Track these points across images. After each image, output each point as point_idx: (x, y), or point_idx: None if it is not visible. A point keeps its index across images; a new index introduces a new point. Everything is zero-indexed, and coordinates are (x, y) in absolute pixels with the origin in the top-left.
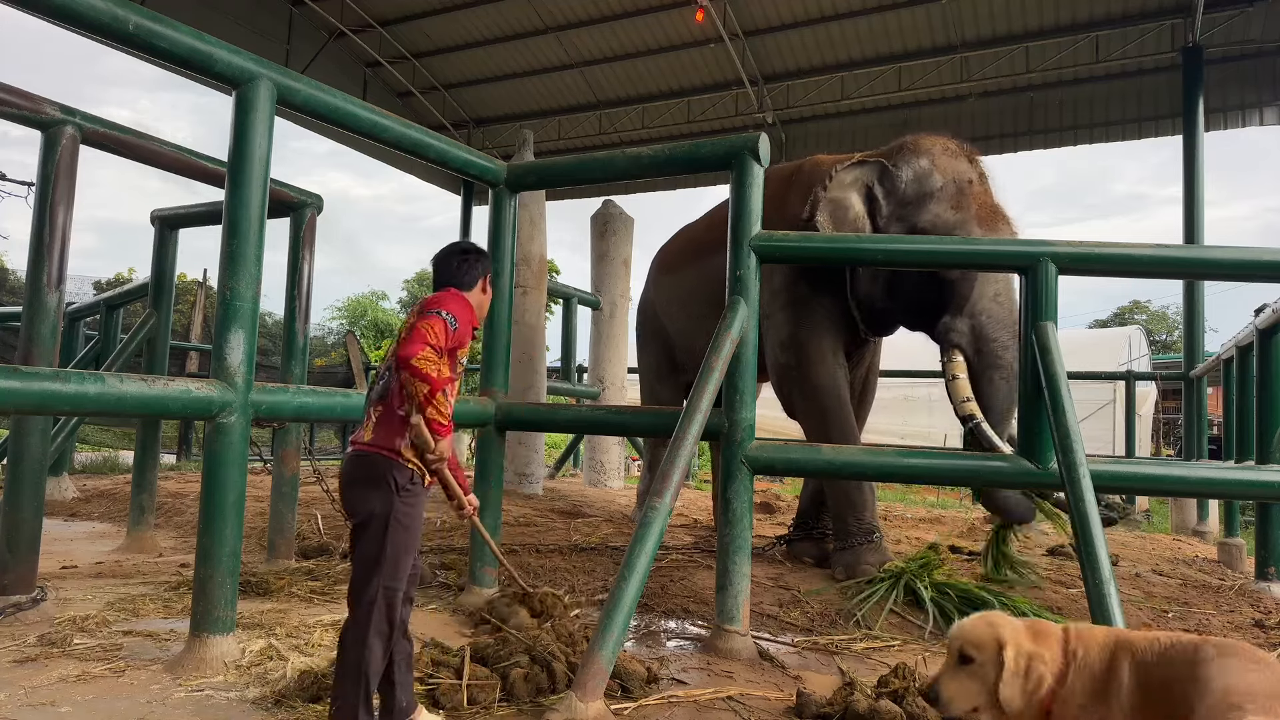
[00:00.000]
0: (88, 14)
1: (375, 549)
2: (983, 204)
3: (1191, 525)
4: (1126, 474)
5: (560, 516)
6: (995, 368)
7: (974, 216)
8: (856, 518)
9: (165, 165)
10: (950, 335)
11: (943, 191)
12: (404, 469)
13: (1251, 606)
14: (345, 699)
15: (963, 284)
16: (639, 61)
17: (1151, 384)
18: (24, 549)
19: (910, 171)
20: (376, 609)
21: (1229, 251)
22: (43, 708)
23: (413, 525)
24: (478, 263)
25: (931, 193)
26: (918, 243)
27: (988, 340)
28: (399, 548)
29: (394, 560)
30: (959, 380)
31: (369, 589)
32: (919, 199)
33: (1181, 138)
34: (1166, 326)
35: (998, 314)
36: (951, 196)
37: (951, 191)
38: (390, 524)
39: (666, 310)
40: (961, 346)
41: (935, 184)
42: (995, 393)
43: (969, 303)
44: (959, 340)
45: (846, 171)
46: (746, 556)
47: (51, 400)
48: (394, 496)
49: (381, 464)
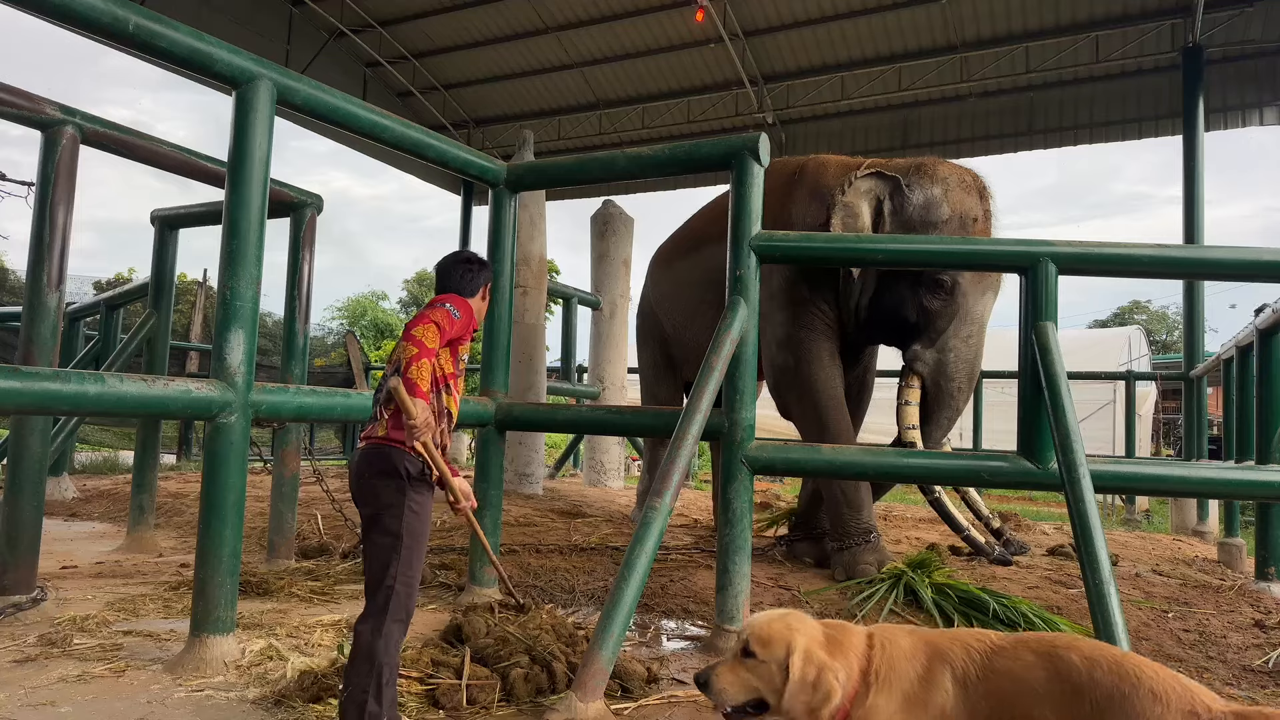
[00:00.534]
0: (88, 14)
1: (391, 537)
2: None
3: (1191, 525)
4: (1126, 474)
5: (560, 516)
6: (946, 407)
7: None
8: (854, 518)
9: (165, 165)
10: (915, 364)
11: (946, 225)
12: (415, 460)
13: (1251, 606)
14: (357, 687)
15: (941, 318)
16: (639, 61)
17: (1151, 384)
18: (24, 549)
19: (921, 196)
20: (395, 598)
21: (1229, 251)
22: (43, 708)
23: (424, 513)
24: (480, 272)
25: (935, 223)
26: (918, 242)
27: (948, 378)
28: (414, 535)
29: (409, 548)
30: (910, 407)
31: (386, 577)
32: (922, 226)
33: (1181, 138)
34: (1166, 326)
35: (964, 354)
36: (953, 231)
37: (954, 227)
38: (405, 512)
39: (662, 306)
40: (923, 376)
41: (942, 215)
42: (936, 431)
43: (942, 337)
44: (922, 370)
45: (863, 180)
46: (746, 556)
47: (51, 400)
48: (406, 485)
49: (394, 454)
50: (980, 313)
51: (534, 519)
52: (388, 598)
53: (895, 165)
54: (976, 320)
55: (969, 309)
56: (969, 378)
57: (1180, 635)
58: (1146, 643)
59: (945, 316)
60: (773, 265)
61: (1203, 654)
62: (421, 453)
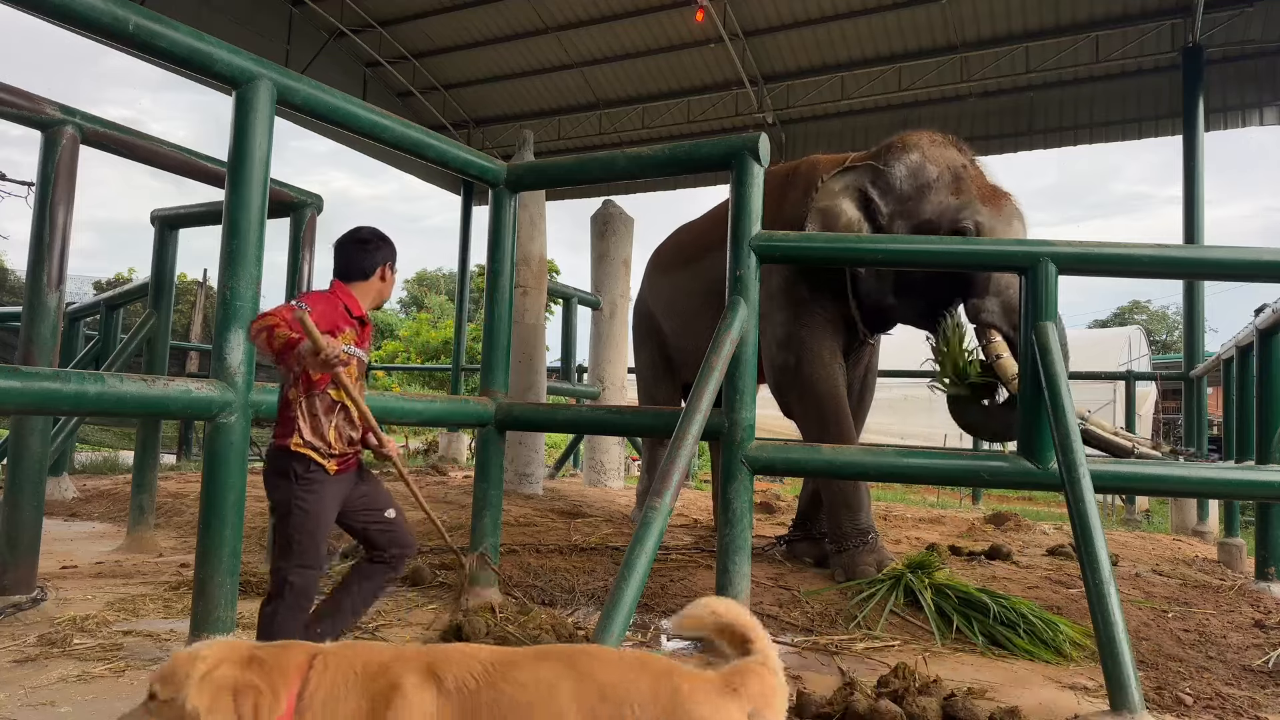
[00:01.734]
0: (88, 14)
1: (286, 532)
2: (982, 185)
3: (1191, 525)
4: (1126, 474)
5: (560, 516)
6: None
7: (976, 198)
8: (853, 519)
9: (165, 165)
10: (982, 315)
11: (940, 180)
12: (302, 459)
13: (1251, 606)
14: None
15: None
16: (639, 61)
17: (1151, 384)
18: (24, 549)
19: (903, 168)
20: (289, 587)
21: (1229, 251)
22: (43, 708)
23: (314, 509)
24: (376, 251)
25: (929, 183)
26: (917, 243)
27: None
28: (303, 531)
29: (301, 543)
30: (1004, 359)
31: (282, 567)
32: (918, 191)
33: (1181, 138)
34: (1166, 326)
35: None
36: (950, 183)
37: (949, 179)
38: (293, 509)
39: (662, 310)
40: (996, 325)
41: (931, 174)
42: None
43: (991, 281)
44: (992, 319)
45: (834, 180)
46: (746, 556)
47: (51, 400)
48: (294, 485)
49: (282, 456)
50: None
51: (534, 519)
52: (281, 585)
53: (864, 155)
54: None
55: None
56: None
57: (1180, 635)
58: (1146, 642)
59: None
60: (773, 265)
61: (1203, 654)
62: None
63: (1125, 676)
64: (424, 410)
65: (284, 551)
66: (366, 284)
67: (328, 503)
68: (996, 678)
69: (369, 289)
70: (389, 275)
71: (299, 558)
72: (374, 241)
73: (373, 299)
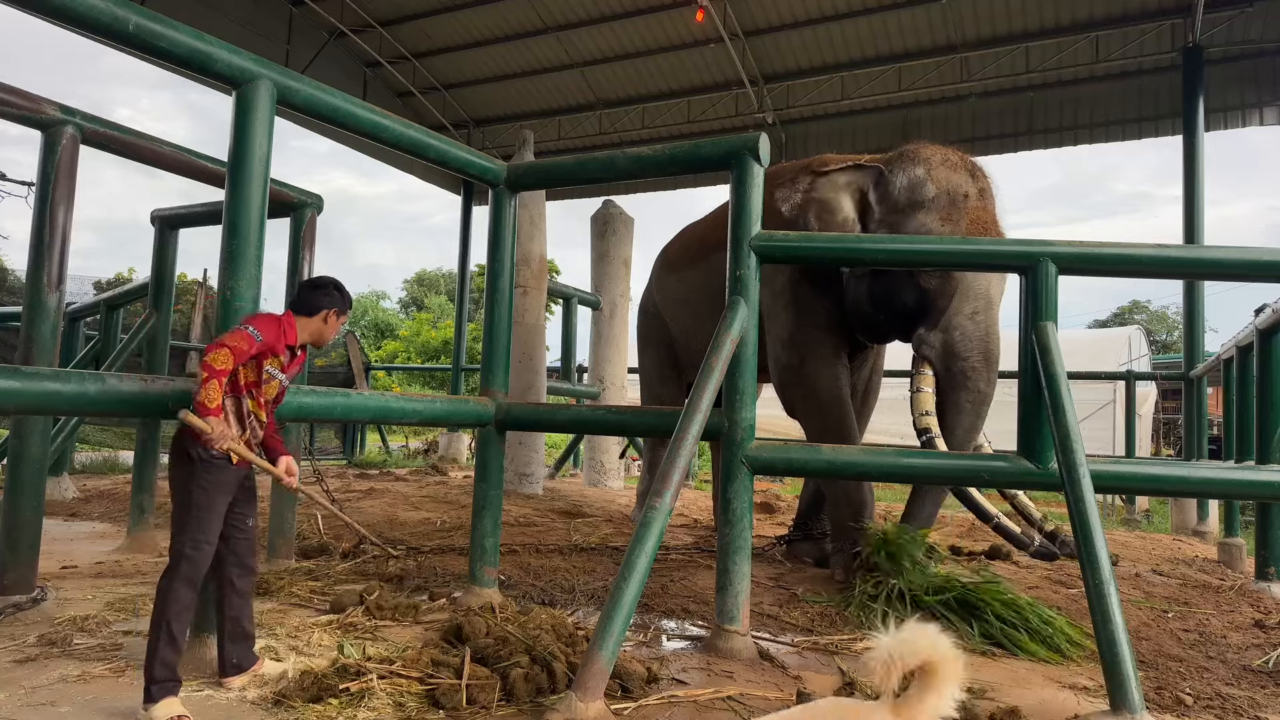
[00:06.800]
0: (88, 14)
1: (183, 510)
2: (976, 220)
3: (1191, 525)
4: (1126, 474)
5: (560, 516)
6: (963, 389)
7: (963, 231)
8: (854, 519)
9: (165, 165)
10: (921, 348)
11: (934, 202)
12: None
13: (1251, 606)
14: (152, 635)
15: (940, 297)
16: (639, 61)
17: (1151, 384)
18: (24, 549)
19: (905, 179)
20: (185, 560)
21: (1229, 251)
22: (43, 708)
23: (212, 490)
24: (325, 296)
25: (922, 202)
26: (917, 242)
27: (957, 358)
28: (200, 508)
29: (197, 519)
30: (923, 393)
31: (177, 543)
32: (909, 207)
33: (1182, 138)
34: (1166, 326)
35: (972, 332)
36: (943, 208)
37: (944, 203)
38: (194, 489)
39: (670, 310)
40: (931, 360)
41: (928, 194)
42: (959, 417)
43: (945, 317)
44: (929, 354)
45: (841, 174)
46: (746, 556)
47: (51, 400)
48: (195, 465)
49: (186, 442)
50: (984, 287)
51: (534, 519)
52: (177, 560)
53: (877, 157)
54: (982, 295)
55: (970, 284)
56: (984, 356)
57: (1180, 635)
58: (1146, 642)
59: (944, 295)
60: (777, 265)
61: (1203, 654)
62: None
63: (1125, 676)
64: (424, 410)
65: (181, 527)
66: (309, 320)
67: (226, 487)
68: (996, 677)
69: (310, 325)
70: (331, 320)
71: (195, 533)
72: (328, 289)
73: (311, 335)
